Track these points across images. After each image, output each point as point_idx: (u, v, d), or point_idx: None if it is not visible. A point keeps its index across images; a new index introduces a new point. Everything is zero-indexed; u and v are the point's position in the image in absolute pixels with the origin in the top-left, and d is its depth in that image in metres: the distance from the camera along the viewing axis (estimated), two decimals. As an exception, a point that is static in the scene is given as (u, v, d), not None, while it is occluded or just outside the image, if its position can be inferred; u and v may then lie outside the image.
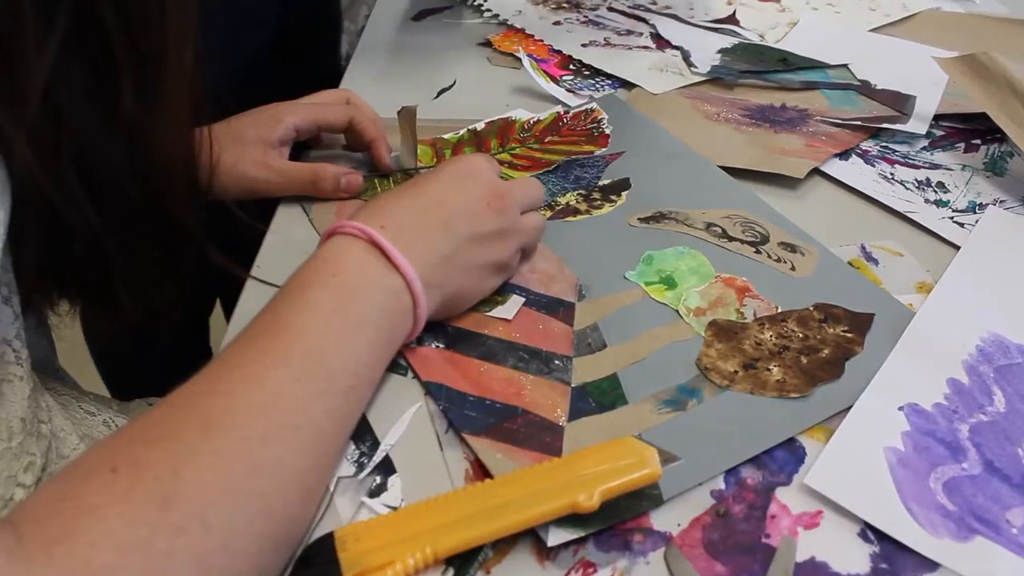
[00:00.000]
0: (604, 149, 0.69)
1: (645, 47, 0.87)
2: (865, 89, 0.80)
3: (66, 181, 0.40)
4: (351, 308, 0.44)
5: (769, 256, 0.58)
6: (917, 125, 0.74)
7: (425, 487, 0.42)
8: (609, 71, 0.81)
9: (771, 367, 0.49)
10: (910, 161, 0.71)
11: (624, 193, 0.64)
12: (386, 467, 0.43)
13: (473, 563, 0.39)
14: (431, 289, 0.47)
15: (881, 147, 0.73)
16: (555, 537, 0.40)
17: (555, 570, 0.39)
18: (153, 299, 0.52)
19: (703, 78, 0.81)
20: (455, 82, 0.79)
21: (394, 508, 0.41)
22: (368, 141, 0.65)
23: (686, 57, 0.84)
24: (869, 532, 0.42)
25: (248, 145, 0.61)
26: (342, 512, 0.41)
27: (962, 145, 0.74)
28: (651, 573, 0.39)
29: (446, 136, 0.70)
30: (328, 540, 0.38)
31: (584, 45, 0.87)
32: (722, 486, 0.44)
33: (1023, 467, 0.45)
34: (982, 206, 0.66)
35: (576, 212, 0.62)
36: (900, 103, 0.78)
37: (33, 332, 0.71)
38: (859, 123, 0.74)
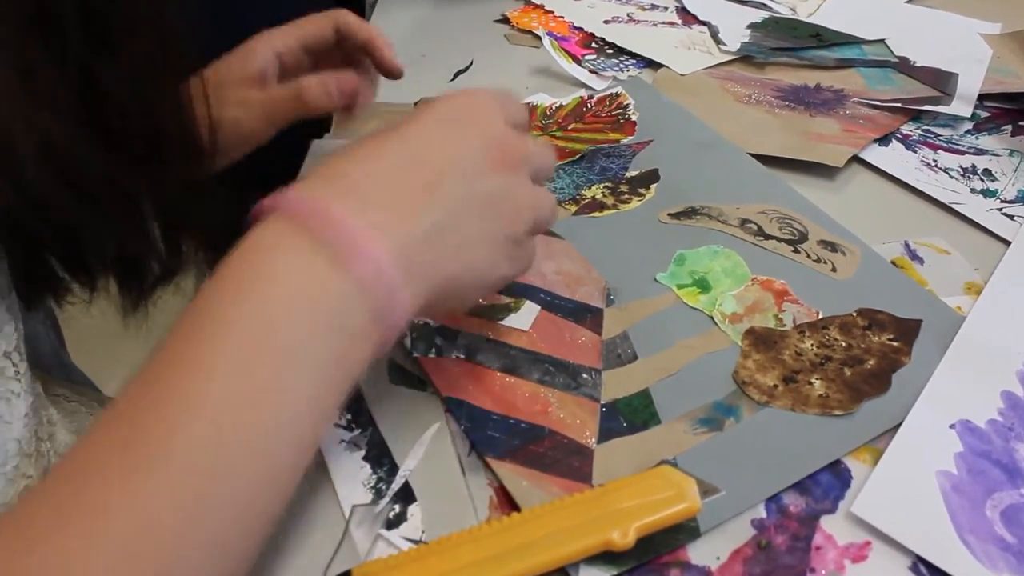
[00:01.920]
0: (631, 138, 0.65)
1: (671, 23, 0.83)
2: (904, 66, 0.76)
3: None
4: (284, 334, 0.33)
5: (808, 256, 0.54)
6: (961, 107, 0.70)
7: (447, 517, 0.40)
8: (633, 50, 0.77)
9: (813, 380, 0.46)
10: (954, 146, 0.67)
11: (653, 186, 0.60)
12: (405, 495, 0.41)
13: (499, 605, 0.37)
14: (414, 280, 0.36)
15: (923, 131, 0.69)
16: (587, 576, 0.37)
17: (587, 610, 0.37)
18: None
19: (732, 56, 0.77)
20: (472, 63, 0.75)
21: (414, 541, 0.39)
22: (363, 43, 0.56)
23: (714, 33, 0.80)
24: (921, 566, 0.39)
25: (227, 88, 0.54)
26: (359, 545, 0.39)
27: (1009, 128, 0.70)
28: (689, 614, 0.37)
29: (464, 124, 0.66)
30: (345, 580, 0.36)
31: (606, 21, 0.83)
32: (763, 514, 0.41)
33: (1086, 493, 0.42)
34: (1032, 196, 0.62)
35: (603, 207, 0.59)
36: (941, 81, 0.73)
37: (39, 323, 0.69)
38: (899, 104, 0.70)
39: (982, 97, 0.73)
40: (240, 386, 0.31)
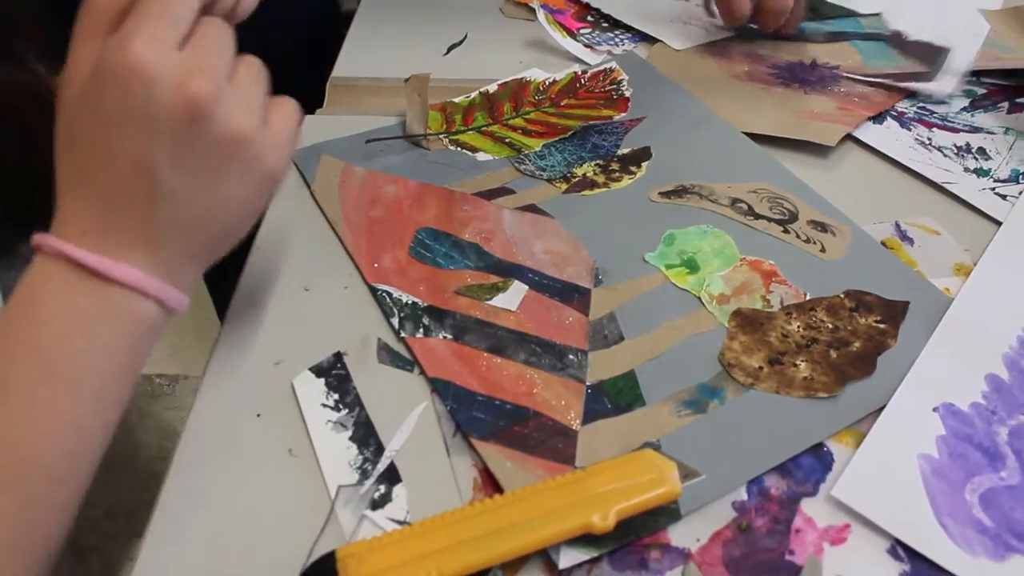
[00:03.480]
0: (624, 114, 0.65)
1: (668, -6, 0.82)
2: (895, 40, 0.76)
3: None
4: (65, 365, 0.36)
5: (798, 236, 0.54)
6: (944, 83, 0.69)
7: (431, 498, 0.40)
8: (629, 23, 0.77)
9: (798, 362, 0.47)
10: (949, 124, 0.67)
11: (645, 164, 0.60)
12: (390, 475, 0.41)
13: (481, 585, 0.37)
14: (177, 267, 0.39)
15: (918, 108, 0.68)
16: (567, 558, 0.38)
17: (567, 591, 0.38)
18: None
19: (728, 33, 0.76)
20: (466, 36, 0.75)
21: (399, 522, 0.39)
22: None
23: (707, 4, 0.79)
24: (899, 549, 0.39)
25: None
26: (344, 525, 0.39)
27: (1005, 105, 0.69)
28: (668, 595, 0.38)
29: (457, 100, 0.66)
30: (329, 561, 0.36)
31: (603, -9, 0.82)
32: (744, 497, 0.41)
33: (1066, 477, 0.42)
34: (1026, 175, 0.62)
35: (593, 185, 0.58)
36: (933, 56, 0.73)
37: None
38: (883, 81, 0.69)
39: (979, 74, 0.72)
40: (27, 403, 0.36)
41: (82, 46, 0.38)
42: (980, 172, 0.62)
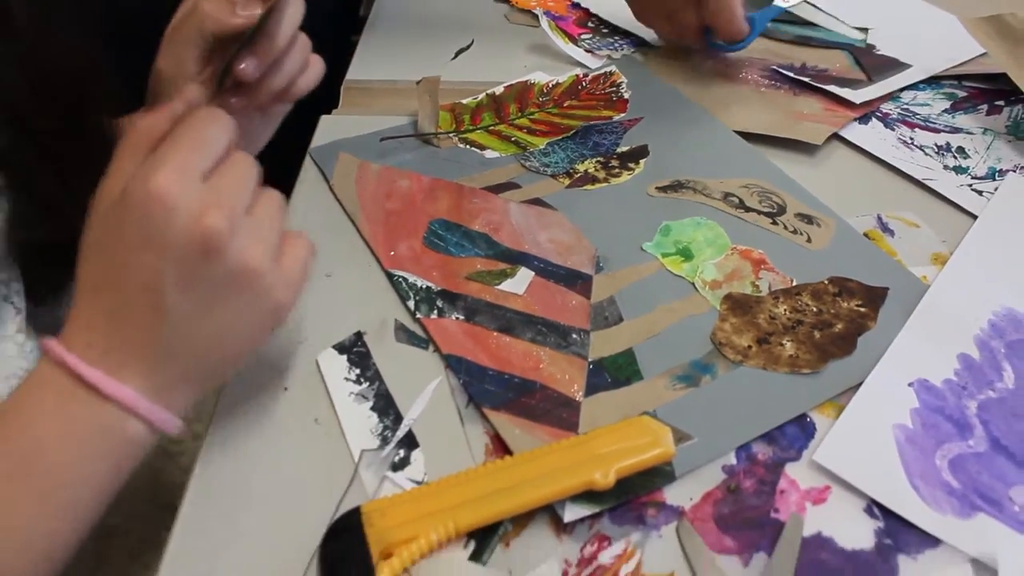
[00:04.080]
0: (622, 115, 0.69)
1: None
2: (860, 52, 0.79)
3: None
4: (43, 469, 0.37)
5: (785, 227, 0.58)
6: (859, 94, 0.72)
7: (446, 461, 0.44)
8: (616, 23, 0.81)
9: (784, 342, 0.50)
10: (931, 124, 0.71)
11: (642, 161, 0.64)
12: (409, 441, 0.45)
13: (493, 537, 0.41)
14: (171, 390, 0.39)
15: (902, 110, 0.72)
16: (571, 513, 0.41)
17: (571, 543, 0.41)
18: None
19: None
20: (473, 42, 0.79)
21: (417, 482, 0.43)
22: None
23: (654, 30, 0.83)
24: (875, 508, 0.43)
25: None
26: (367, 485, 0.43)
27: (985, 107, 0.73)
28: (663, 547, 0.41)
29: (465, 101, 0.70)
30: (355, 515, 0.40)
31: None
32: (733, 461, 0.45)
33: (1028, 445, 0.46)
34: (1002, 173, 0.66)
35: (594, 180, 0.62)
36: (888, 69, 0.77)
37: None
38: (806, 80, 0.74)
39: (961, 77, 0.76)
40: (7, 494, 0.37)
41: (119, 165, 0.40)
42: (959, 170, 0.66)
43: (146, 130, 0.41)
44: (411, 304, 0.52)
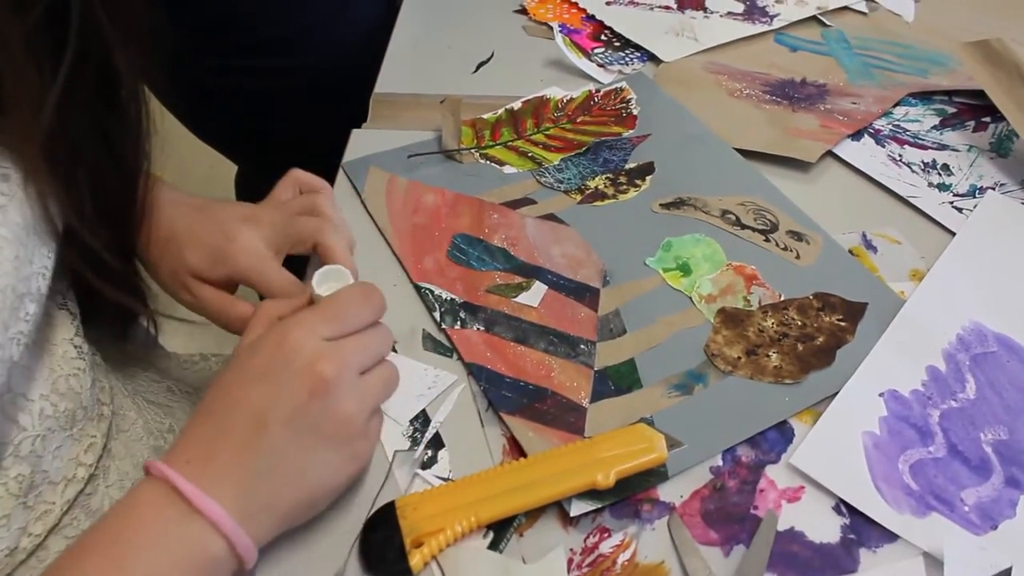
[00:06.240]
0: (631, 131, 0.74)
1: (666, 7, 0.91)
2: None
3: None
4: (131, 569, 0.40)
5: (777, 244, 0.64)
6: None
7: (469, 460, 0.51)
8: (627, 35, 0.86)
9: (770, 353, 0.56)
10: (919, 141, 0.76)
11: (648, 178, 0.70)
12: (436, 442, 0.52)
13: (509, 528, 0.47)
14: (257, 516, 0.42)
15: (893, 126, 0.77)
16: (577, 508, 0.48)
17: (577, 534, 0.48)
18: None
19: (716, 43, 0.86)
20: (493, 54, 0.84)
21: (444, 479, 0.50)
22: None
23: None
24: (842, 507, 0.49)
25: (186, 255, 0.58)
26: (400, 482, 0.50)
27: (972, 123, 0.78)
28: (656, 538, 0.48)
29: (485, 116, 0.75)
30: (390, 508, 0.47)
31: (608, 3, 0.91)
32: (720, 463, 0.51)
33: (982, 451, 0.52)
34: (982, 190, 0.71)
35: (603, 197, 0.68)
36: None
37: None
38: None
39: (952, 93, 0.81)
40: None
41: (252, 329, 0.49)
42: (942, 187, 0.71)
43: (274, 309, 0.51)
44: (437, 315, 0.58)
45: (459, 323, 0.58)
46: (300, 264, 0.59)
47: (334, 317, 0.47)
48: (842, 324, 0.59)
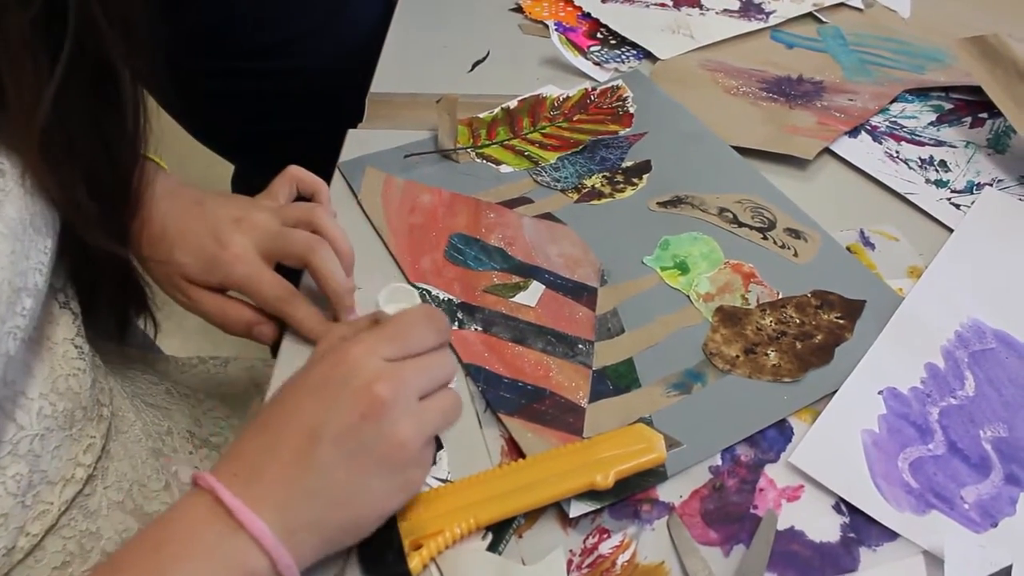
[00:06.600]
0: (628, 129, 0.74)
1: (663, 4, 0.91)
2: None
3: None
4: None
5: (775, 242, 0.64)
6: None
7: (468, 461, 0.51)
8: (623, 32, 0.86)
9: (769, 352, 0.56)
10: (916, 138, 0.76)
11: (645, 176, 0.70)
12: (435, 443, 0.51)
13: (508, 530, 0.47)
14: (300, 534, 0.41)
15: (890, 122, 0.77)
16: (576, 509, 0.48)
17: (576, 535, 0.48)
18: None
19: (712, 40, 0.86)
20: (488, 53, 0.84)
21: (443, 480, 0.49)
22: (326, 294, 0.56)
23: None
24: (842, 505, 0.49)
25: (177, 255, 0.57)
26: (399, 483, 0.49)
27: (969, 119, 0.78)
28: (656, 539, 0.48)
29: (481, 115, 0.75)
30: (389, 510, 0.47)
31: (604, 1, 0.91)
32: (719, 462, 0.51)
33: (982, 449, 0.52)
34: (980, 186, 0.71)
35: (600, 195, 0.68)
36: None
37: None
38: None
39: (948, 89, 0.81)
40: None
41: (316, 353, 0.48)
42: (940, 183, 0.71)
43: (339, 332, 0.50)
44: (434, 316, 0.58)
45: (457, 323, 0.58)
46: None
47: (396, 337, 0.45)
48: (840, 322, 0.58)
